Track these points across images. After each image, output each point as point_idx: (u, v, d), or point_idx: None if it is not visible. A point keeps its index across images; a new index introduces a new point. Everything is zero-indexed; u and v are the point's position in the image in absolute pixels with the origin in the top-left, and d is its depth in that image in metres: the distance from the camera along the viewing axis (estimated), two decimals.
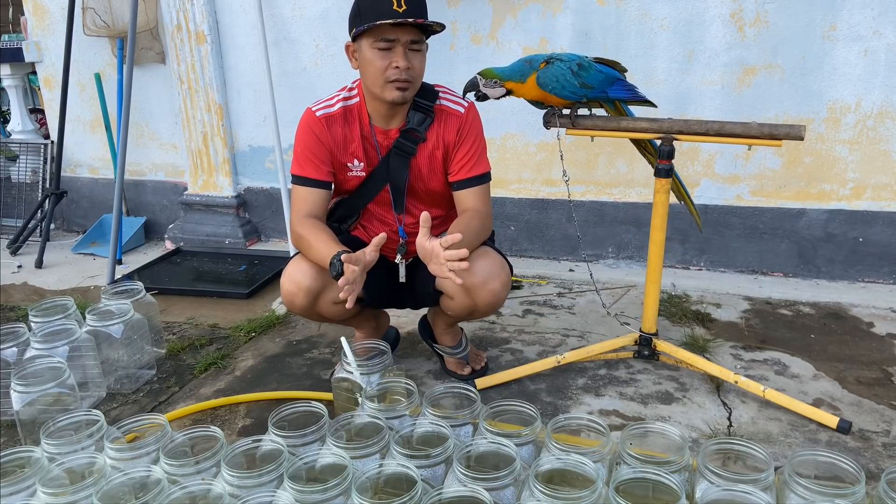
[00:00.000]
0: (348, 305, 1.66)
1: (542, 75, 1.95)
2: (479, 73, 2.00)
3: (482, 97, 2.01)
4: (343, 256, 1.66)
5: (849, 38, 2.64)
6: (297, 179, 1.93)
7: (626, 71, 2.07)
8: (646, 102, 2.06)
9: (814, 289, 2.82)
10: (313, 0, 3.27)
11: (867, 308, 2.61)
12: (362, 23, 1.73)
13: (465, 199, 1.94)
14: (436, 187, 1.98)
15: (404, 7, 1.70)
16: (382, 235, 1.70)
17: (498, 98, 2.02)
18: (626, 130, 2.01)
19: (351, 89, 1.94)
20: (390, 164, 1.93)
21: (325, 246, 1.76)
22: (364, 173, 1.96)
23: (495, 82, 1.97)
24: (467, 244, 1.78)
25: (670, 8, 2.81)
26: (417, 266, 2.06)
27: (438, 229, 2.08)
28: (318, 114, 1.92)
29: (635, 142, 2.19)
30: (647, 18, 2.84)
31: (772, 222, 2.92)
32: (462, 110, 1.93)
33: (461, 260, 1.58)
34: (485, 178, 1.95)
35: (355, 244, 2.05)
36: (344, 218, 2.07)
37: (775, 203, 2.90)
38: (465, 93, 2.00)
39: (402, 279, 2.03)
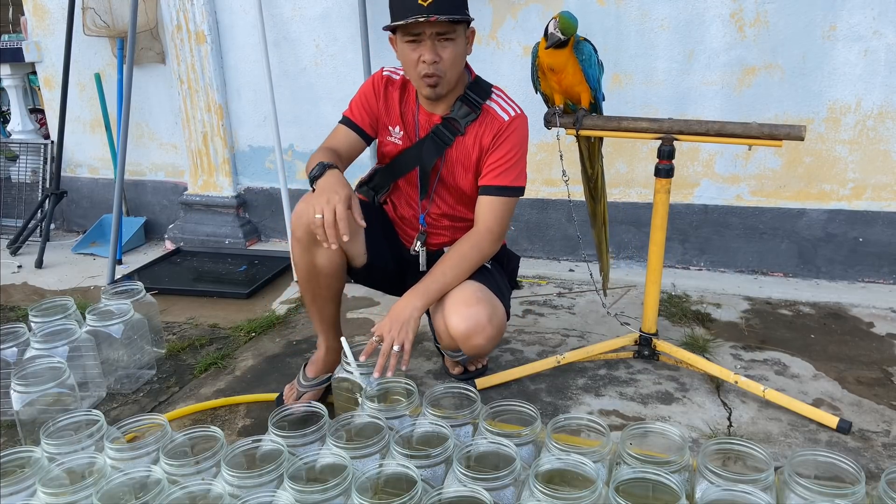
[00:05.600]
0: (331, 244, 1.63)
1: (582, 43, 1.93)
2: (562, 31, 1.87)
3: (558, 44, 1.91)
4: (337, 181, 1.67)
5: (849, 38, 2.64)
6: (342, 119, 1.98)
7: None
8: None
9: (814, 289, 2.82)
10: (313, 0, 3.27)
11: (867, 308, 2.61)
12: (392, 19, 1.75)
13: (480, 207, 1.89)
14: (465, 187, 1.95)
15: (430, 0, 1.68)
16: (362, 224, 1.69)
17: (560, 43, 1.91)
18: (626, 130, 2.01)
19: None
20: (424, 148, 1.92)
21: (323, 158, 1.78)
22: (401, 143, 1.97)
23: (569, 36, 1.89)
24: (446, 280, 1.82)
25: (670, 8, 2.81)
26: (429, 259, 2.05)
27: (461, 234, 1.98)
28: (384, 73, 1.97)
29: (585, 178, 2.22)
30: (647, 18, 2.84)
31: (772, 222, 2.92)
32: (506, 118, 1.87)
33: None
34: (508, 191, 1.87)
35: (382, 215, 2.09)
36: (379, 188, 2.08)
37: (775, 203, 2.90)
38: (553, 45, 1.90)
39: (423, 268, 2.01)
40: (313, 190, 1.72)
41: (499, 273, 2.02)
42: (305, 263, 1.89)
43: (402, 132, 1.95)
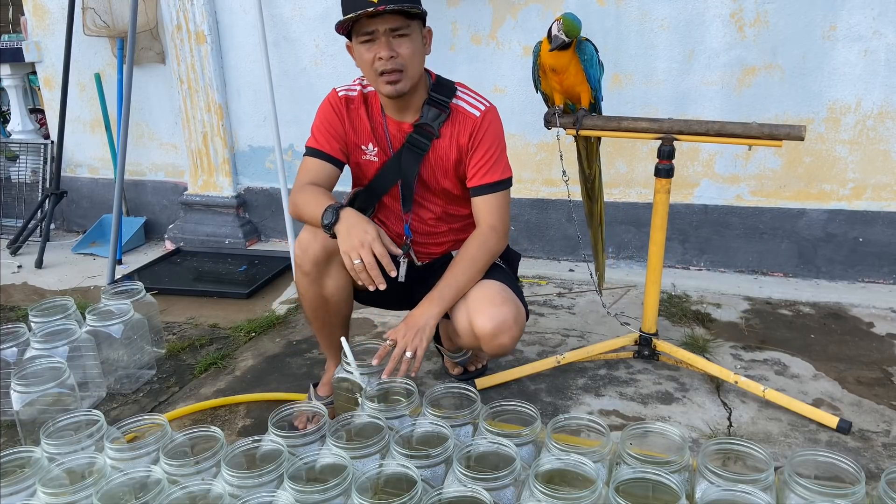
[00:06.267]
0: (379, 286, 1.63)
1: (585, 43, 1.92)
2: (566, 34, 1.87)
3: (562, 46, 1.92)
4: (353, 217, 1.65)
5: (849, 38, 2.64)
6: (308, 151, 1.90)
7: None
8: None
9: (814, 289, 2.82)
10: (313, 0, 3.27)
11: (867, 308, 2.61)
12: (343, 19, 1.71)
13: (478, 208, 1.87)
14: (448, 187, 1.92)
15: None
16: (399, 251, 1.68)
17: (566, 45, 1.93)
18: (626, 130, 2.01)
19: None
20: (402, 160, 1.88)
21: (324, 201, 1.73)
22: (377, 159, 1.91)
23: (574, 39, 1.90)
24: (459, 284, 1.80)
25: (670, 8, 2.81)
26: (434, 269, 2.00)
27: (462, 234, 1.98)
28: (339, 93, 1.91)
29: (582, 178, 2.22)
30: (647, 18, 2.84)
31: (772, 222, 2.92)
32: (477, 114, 1.84)
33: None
34: (499, 185, 1.86)
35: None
36: (363, 209, 1.98)
37: (775, 203, 2.90)
38: (557, 47, 1.90)
39: (401, 278, 1.96)
40: (332, 236, 1.70)
41: (510, 272, 2.01)
42: (313, 294, 1.87)
43: (376, 148, 1.90)
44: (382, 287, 1.63)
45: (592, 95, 2.01)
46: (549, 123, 2.08)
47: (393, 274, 1.63)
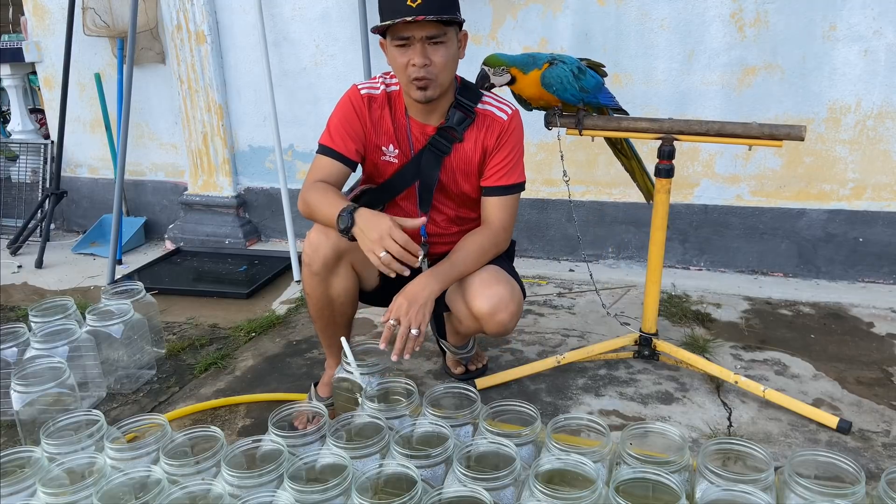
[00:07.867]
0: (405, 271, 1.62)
1: (547, 75, 1.93)
2: (484, 63, 1.95)
3: (490, 87, 1.97)
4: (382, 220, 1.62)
5: (849, 38, 2.64)
6: (322, 149, 1.86)
7: (606, 75, 2.08)
8: (621, 111, 2.11)
9: (814, 289, 2.82)
10: (313, 0, 3.27)
11: (867, 308, 2.61)
12: (380, 21, 1.70)
13: (488, 207, 1.89)
14: (468, 190, 1.93)
15: (419, 1, 1.64)
16: (419, 221, 1.68)
17: (502, 86, 1.98)
18: (627, 130, 2.01)
19: (393, 76, 1.87)
20: (422, 161, 1.88)
21: (336, 202, 1.70)
22: (397, 161, 1.90)
23: (503, 69, 1.94)
24: (463, 267, 1.81)
25: (670, 8, 2.81)
26: None
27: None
28: (361, 91, 1.88)
29: (610, 143, 2.20)
30: (647, 18, 2.84)
31: (772, 222, 2.92)
32: (505, 117, 1.86)
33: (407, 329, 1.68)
34: (514, 188, 1.89)
35: None
36: (369, 206, 1.92)
37: (775, 203, 2.90)
38: (477, 85, 1.94)
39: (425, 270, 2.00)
40: (351, 238, 1.67)
41: (506, 256, 2.02)
42: (320, 294, 1.87)
43: (396, 150, 1.89)
44: (417, 265, 1.62)
45: (584, 106, 2.02)
46: (549, 124, 2.08)
47: (421, 255, 1.62)
